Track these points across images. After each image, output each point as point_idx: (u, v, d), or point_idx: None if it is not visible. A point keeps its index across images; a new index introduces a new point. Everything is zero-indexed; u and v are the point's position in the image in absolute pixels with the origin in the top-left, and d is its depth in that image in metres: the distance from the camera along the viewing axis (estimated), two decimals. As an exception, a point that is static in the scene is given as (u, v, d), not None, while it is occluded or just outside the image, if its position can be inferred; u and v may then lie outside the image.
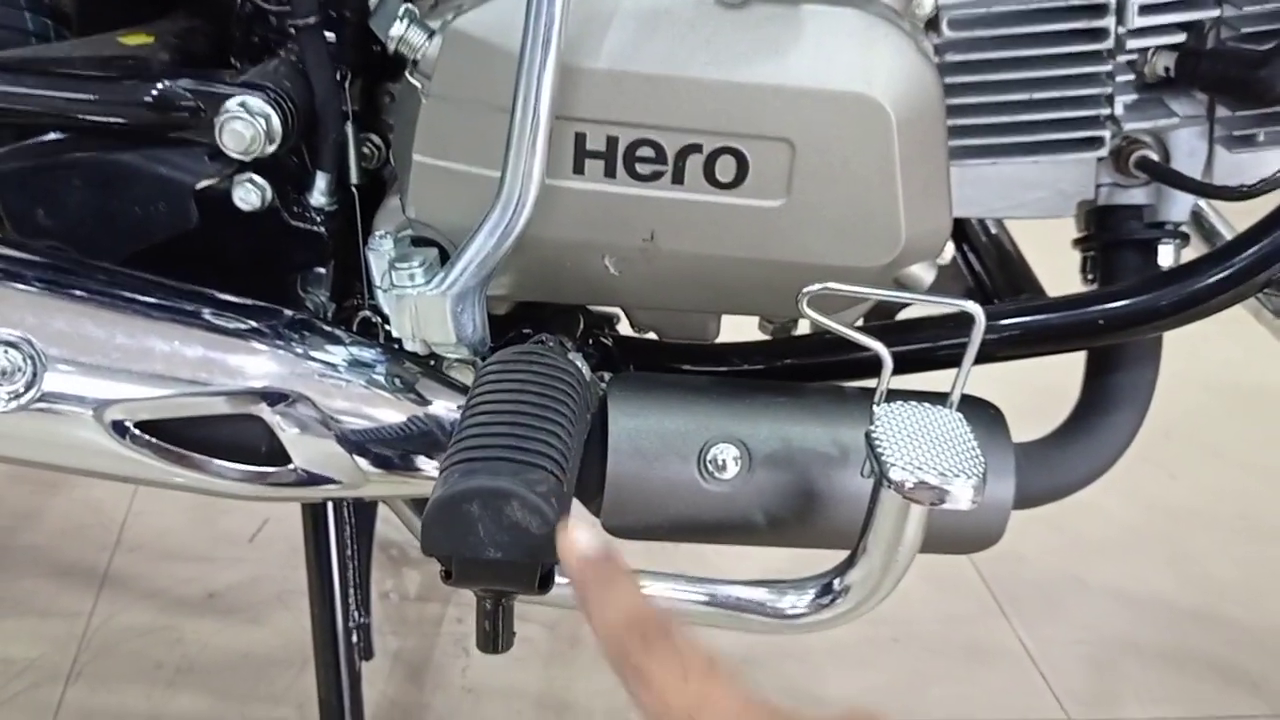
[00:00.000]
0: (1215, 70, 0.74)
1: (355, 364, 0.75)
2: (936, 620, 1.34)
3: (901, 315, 0.93)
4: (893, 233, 0.69)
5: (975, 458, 0.64)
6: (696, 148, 0.67)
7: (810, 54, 0.66)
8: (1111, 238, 0.83)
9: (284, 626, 1.10)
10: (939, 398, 0.75)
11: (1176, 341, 0.84)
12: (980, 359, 0.81)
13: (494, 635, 0.60)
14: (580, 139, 0.68)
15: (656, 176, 0.68)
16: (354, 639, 0.95)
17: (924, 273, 0.73)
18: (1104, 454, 0.83)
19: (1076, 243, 0.86)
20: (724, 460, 0.73)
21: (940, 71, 0.76)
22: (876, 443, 0.65)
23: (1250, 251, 0.74)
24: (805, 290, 0.66)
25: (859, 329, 0.79)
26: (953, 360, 0.81)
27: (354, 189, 0.80)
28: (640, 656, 0.48)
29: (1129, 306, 0.76)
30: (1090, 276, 0.86)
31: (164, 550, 1.29)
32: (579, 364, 0.71)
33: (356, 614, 0.95)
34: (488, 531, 0.55)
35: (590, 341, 0.83)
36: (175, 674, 1.14)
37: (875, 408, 0.68)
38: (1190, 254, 0.83)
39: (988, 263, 0.90)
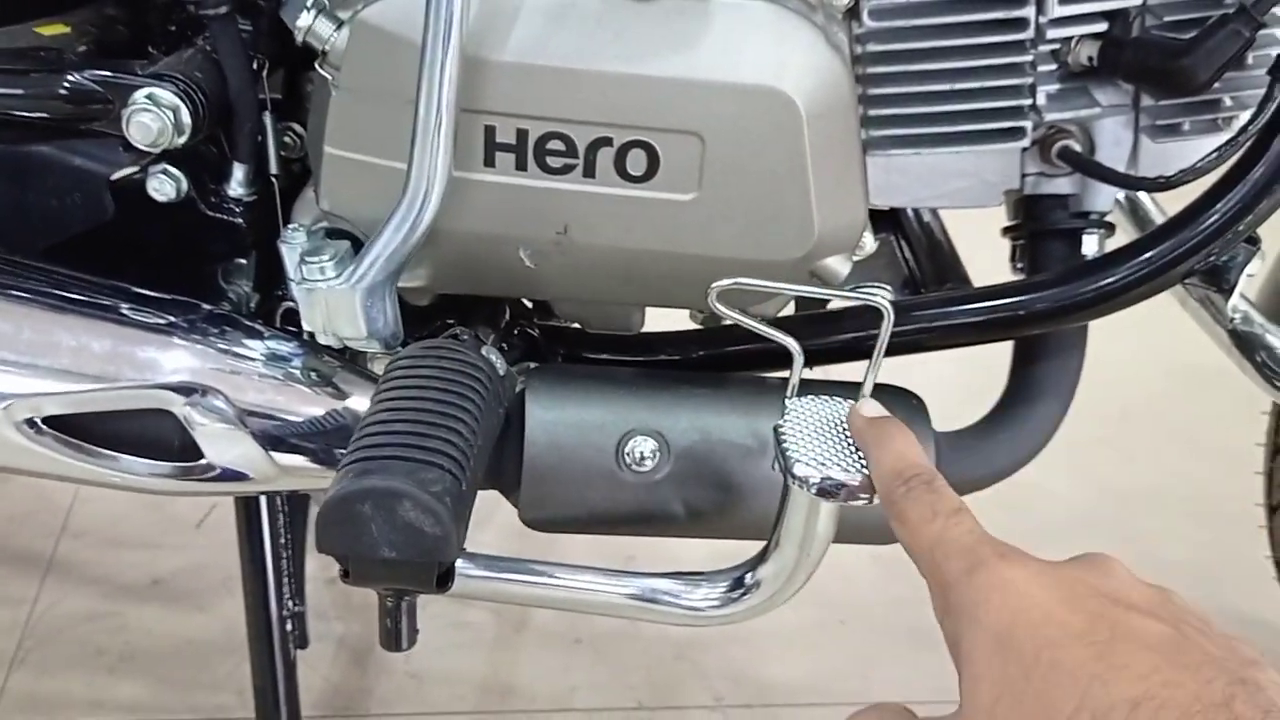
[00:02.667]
0: (1138, 59, 0.74)
1: (272, 358, 0.75)
2: (884, 603, 1.35)
3: (831, 305, 0.93)
4: (805, 226, 0.69)
5: (882, 453, 0.64)
6: (607, 141, 0.67)
7: (719, 47, 0.65)
8: (1037, 227, 0.83)
9: (227, 613, 1.10)
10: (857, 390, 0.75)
11: (1135, 322, 0.83)
12: (903, 349, 0.82)
13: (396, 633, 0.60)
14: (490, 132, 0.67)
15: (568, 170, 0.68)
16: (288, 627, 0.94)
17: (839, 265, 0.72)
18: (1028, 443, 0.83)
19: (1005, 231, 0.86)
20: (642, 452, 0.73)
21: (859, 62, 0.76)
22: (783, 438, 0.65)
23: (1169, 243, 0.74)
24: (715, 285, 0.65)
25: (774, 322, 0.79)
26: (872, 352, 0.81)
27: (273, 179, 0.79)
28: (901, 499, 0.57)
29: (1047, 298, 0.76)
30: (1019, 265, 0.86)
31: (110, 537, 1.29)
32: (492, 357, 0.71)
33: (290, 602, 0.95)
34: (381, 531, 0.55)
35: (515, 333, 0.82)
36: (118, 661, 1.14)
37: (786, 401, 0.68)
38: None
39: (918, 252, 0.90)
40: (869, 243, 0.75)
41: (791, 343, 0.67)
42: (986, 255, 0.94)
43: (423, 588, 0.58)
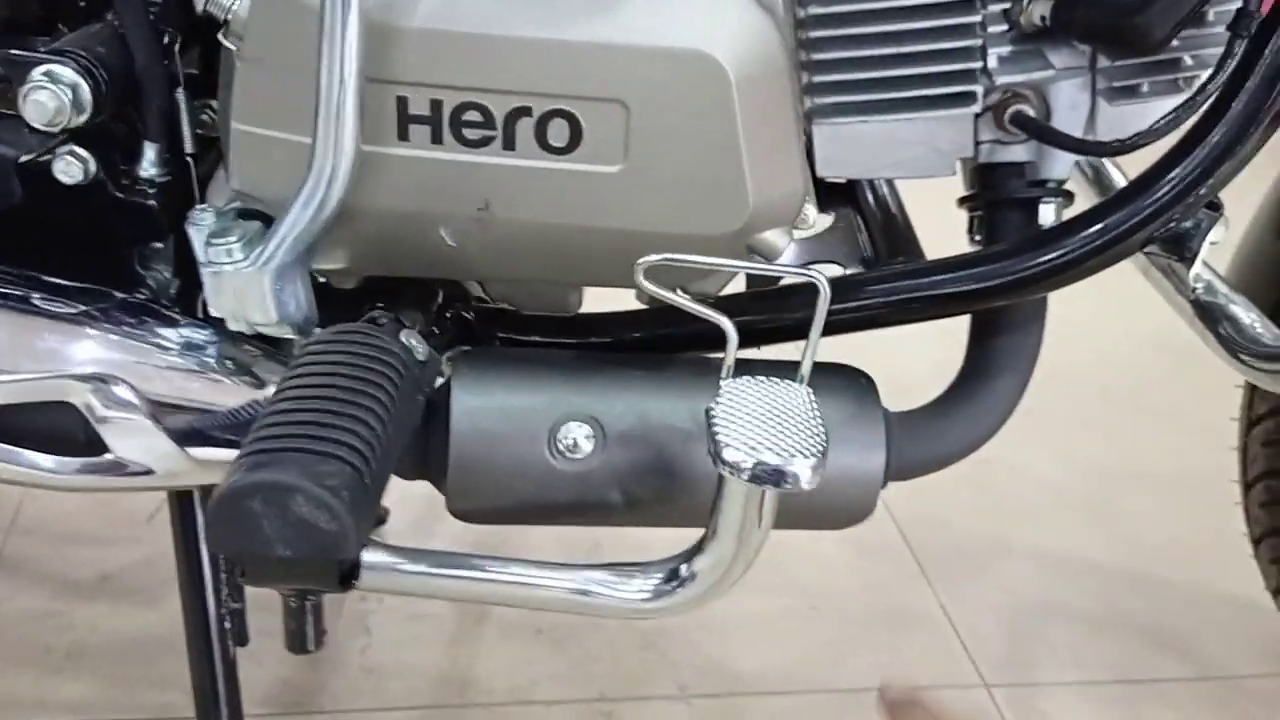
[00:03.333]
0: (1090, 18, 0.70)
1: (187, 346, 0.71)
2: (857, 587, 1.32)
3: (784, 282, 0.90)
4: (739, 199, 0.65)
5: (818, 435, 0.61)
6: (526, 111, 0.63)
7: (642, 10, 0.61)
8: (993, 197, 0.79)
9: (176, 609, 1.06)
10: (814, 367, 0.72)
11: (1115, 296, 0.80)
12: (854, 326, 0.78)
13: (301, 634, 0.57)
14: (402, 103, 0.63)
15: (486, 142, 0.64)
16: (226, 625, 0.91)
17: (778, 239, 0.69)
18: (985, 421, 0.79)
19: (961, 202, 0.82)
20: (575, 439, 0.70)
21: (802, 26, 0.73)
22: (715, 421, 0.61)
23: (1126, 210, 0.71)
24: (641, 261, 0.62)
25: (714, 301, 0.75)
26: (831, 328, 0.78)
27: (189, 159, 0.75)
28: None
29: (1000, 271, 0.73)
30: (976, 237, 0.82)
31: (60, 533, 1.25)
32: (412, 342, 0.67)
33: (229, 599, 0.91)
34: (274, 528, 0.52)
35: (448, 316, 0.79)
36: (64, 659, 1.11)
37: (721, 383, 0.65)
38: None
39: (872, 226, 0.86)
40: (812, 215, 0.71)
41: (725, 322, 0.64)
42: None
43: (325, 586, 0.54)
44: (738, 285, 0.83)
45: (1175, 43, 0.72)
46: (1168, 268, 0.76)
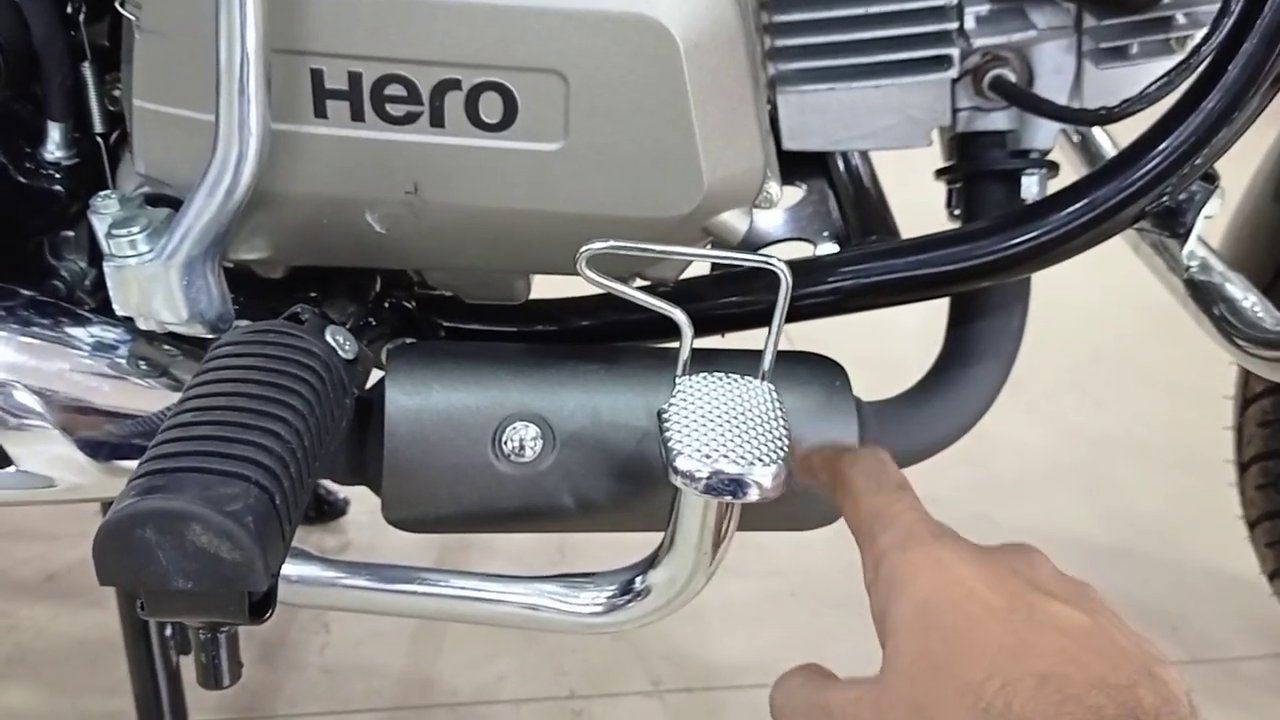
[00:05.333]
0: (1074, -27, 0.65)
1: (99, 347, 0.66)
2: (838, 570, 1.27)
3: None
4: (692, 178, 0.59)
5: (780, 438, 0.56)
6: (454, 84, 0.57)
7: (577, -32, 0.55)
8: (972, 168, 0.74)
9: (124, 610, 1.01)
10: (781, 356, 0.67)
11: (1109, 259, 0.74)
12: (822, 312, 0.73)
13: (214, 669, 0.52)
14: (317, 77, 0.57)
15: (412, 119, 0.58)
16: (166, 631, 0.86)
17: (737, 221, 0.63)
18: (965, 410, 0.74)
19: (939, 174, 0.77)
20: (522, 440, 0.64)
21: (763, -16, 0.67)
22: (668, 425, 0.56)
23: (1114, 184, 0.65)
24: (583, 250, 0.56)
25: (669, 287, 0.70)
26: (793, 314, 0.72)
27: (99, 138, 0.69)
28: (848, 469, 0.59)
29: (978, 251, 0.67)
30: (955, 211, 0.77)
31: (5, 529, 1.20)
32: (338, 339, 0.61)
33: (169, 606, 0.86)
34: (170, 559, 0.47)
35: (387, 305, 0.73)
36: (6, 664, 1.06)
37: (676, 381, 0.59)
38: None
39: (843, 199, 0.80)
40: (775, 193, 0.66)
41: (678, 315, 0.58)
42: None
43: (234, 618, 0.49)
44: (703, 267, 0.78)
45: (1167, 0, 0.67)
46: (1159, 244, 0.71)
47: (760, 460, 0.54)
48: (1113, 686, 0.44)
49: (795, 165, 0.85)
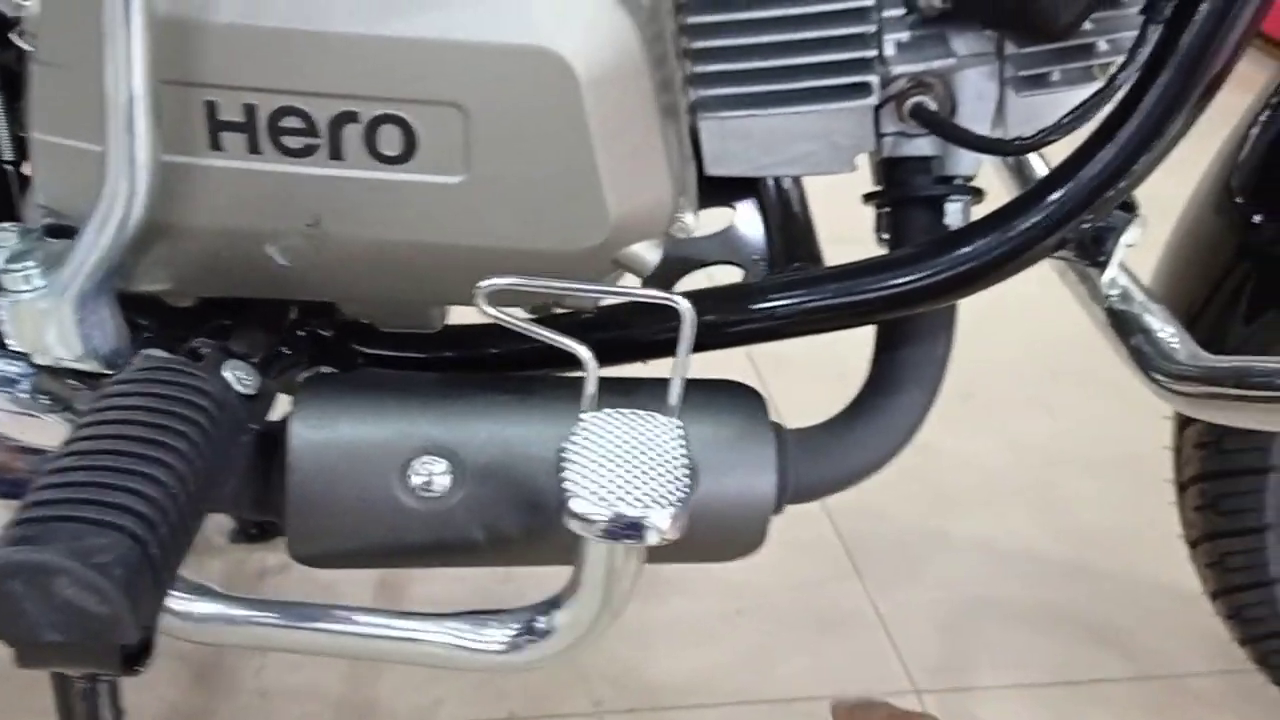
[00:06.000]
0: (992, 0, 0.64)
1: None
2: (786, 587, 1.27)
3: (680, 285, 0.83)
4: (597, 211, 0.58)
5: (681, 477, 0.55)
6: (352, 116, 0.56)
7: (475, 2, 0.54)
8: (898, 194, 0.73)
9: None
10: (697, 385, 0.66)
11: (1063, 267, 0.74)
12: (741, 340, 0.72)
13: (93, 717, 0.51)
14: (212, 109, 0.56)
15: (310, 151, 0.57)
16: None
17: (648, 253, 0.62)
18: (889, 438, 0.73)
19: (866, 199, 0.76)
20: (430, 475, 0.63)
21: (681, 10, 0.66)
22: (568, 464, 0.55)
23: (1032, 214, 0.64)
24: (480, 286, 0.55)
25: (589, 314, 0.69)
26: (712, 342, 0.72)
27: (5, 167, 0.68)
28: None
29: (897, 280, 0.66)
30: (884, 236, 0.76)
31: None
32: (238, 374, 0.60)
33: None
34: (39, 611, 0.45)
35: (301, 334, 0.72)
36: (-68, 689, 1.04)
37: (580, 417, 0.58)
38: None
39: (771, 223, 0.80)
40: (691, 222, 0.65)
41: (581, 350, 0.57)
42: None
43: (108, 669, 0.48)
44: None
45: (1088, 26, 0.66)
46: (1081, 272, 0.70)
47: (658, 502, 0.53)
48: None
49: (729, 187, 0.84)
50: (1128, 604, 1.29)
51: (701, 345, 0.71)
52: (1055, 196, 0.64)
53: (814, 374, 1.20)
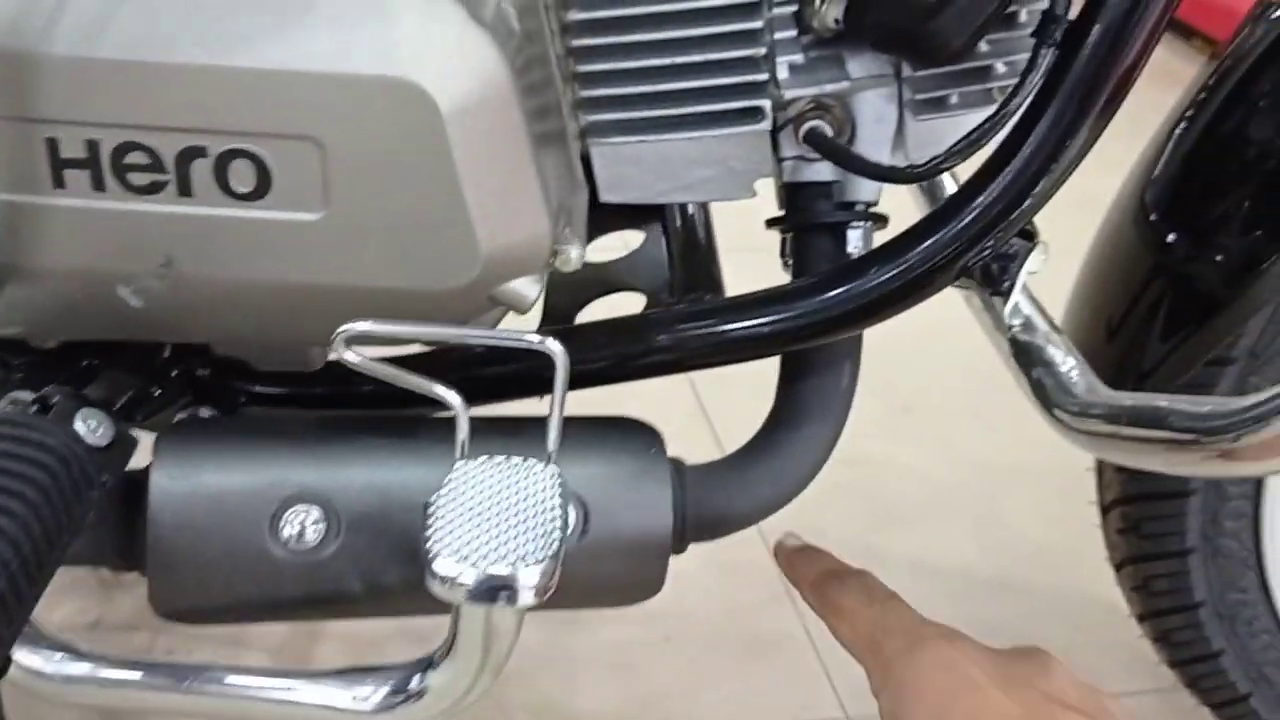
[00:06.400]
0: (883, 21, 0.61)
1: None
2: (717, 612, 1.24)
3: (581, 317, 0.81)
4: (467, 248, 0.55)
5: (553, 531, 0.52)
6: (200, 151, 0.53)
7: (326, 29, 0.51)
8: (800, 220, 0.70)
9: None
10: (588, 423, 0.63)
11: None
12: (638, 374, 0.69)
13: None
14: (53, 145, 0.53)
15: (157, 188, 0.54)
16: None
17: (527, 289, 0.59)
18: (793, 474, 0.71)
19: (769, 224, 0.73)
20: (302, 525, 0.60)
21: (567, 33, 0.63)
22: (434, 519, 0.52)
23: (929, 244, 0.62)
24: (340, 331, 0.52)
25: (445, 361, 0.66)
26: (604, 377, 0.69)
27: None
28: (836, 592, 0.60)
29: (791, 312, 0.64)
30: (787, 261, 0.73)
31: None
32: (91, 424, 0.57)
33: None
34: None
35: (174, 375, 0.68)
36: None
37: (453, 466, 0.55)
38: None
39: (673, 253, 0.77)
40: (576, 255, 0.62)
41: (451, 395, 0.54)
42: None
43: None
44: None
45: (985, 48, 0.64)
46: (986, 300, 0.68)
47: (524, 560, 0.50)
48: None
49: (635, 210, 0.82)
50: (1064, 620, 1.28)
51: (589, 381, 0.69)
52: (950, 227, 0.62)
53: (757, 391, 1.19)
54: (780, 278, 0.71)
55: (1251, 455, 0.48)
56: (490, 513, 0.52)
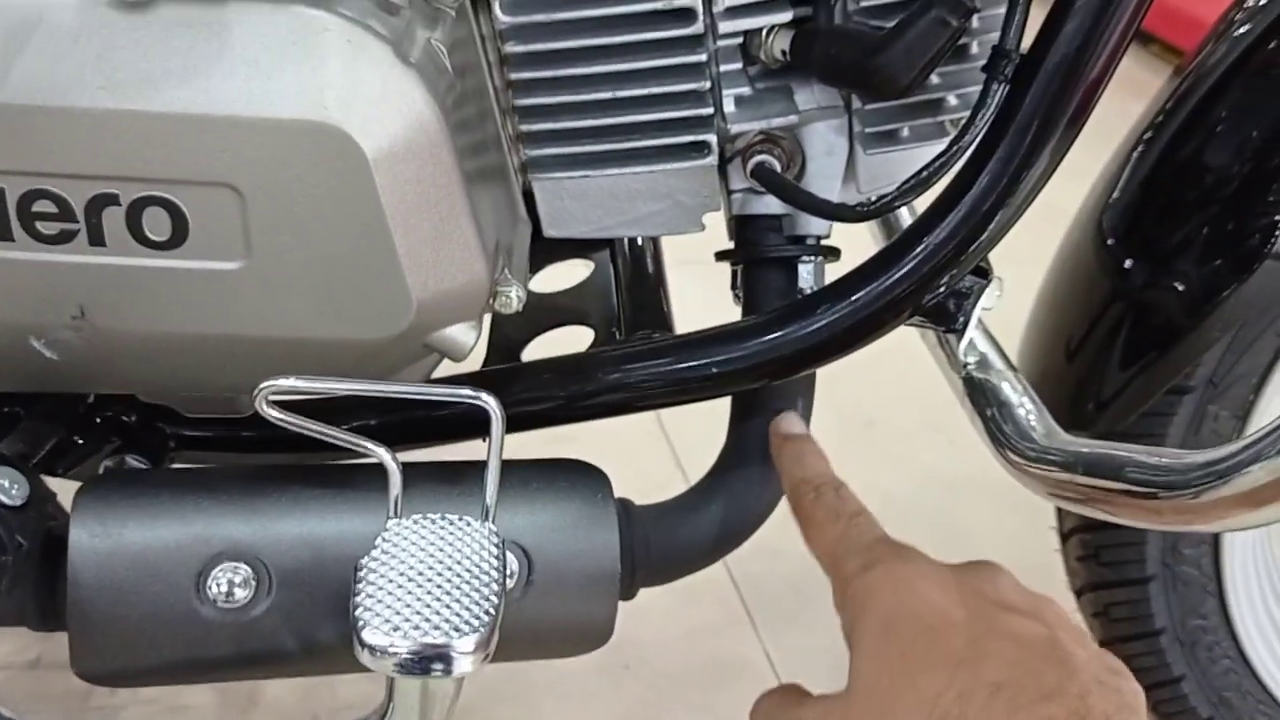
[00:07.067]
0: (831, 56, 0.59)
1: None
2: (677, 637, 1.22)
3: (527, 352, 0.78)
4: (399, 297, 0.53)
5: (489, 597, 0.50)
6: (111, 199, 0.50)
7: (242, 71, 0.49)
8: (750, 254, 0.68)
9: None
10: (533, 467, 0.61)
11: None
12: (581, 416, 0.67)
13: None
14: (-46, 193, 0.50)
15: (67, 238, 0.51)
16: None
17: (463, 335, 0.57)
18: (745, 514, 0.69)
19: (719, 257, 0.71)
20: (230, 584, 0.57)
21: (507, 64, 0.61)
22: (364, 583, 0.50)
23: (880, 283, 0.60)
24: (261, 388, 0.50)
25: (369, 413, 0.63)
26: (549, 419, 0.67)
27: None
28: (810, 504, 0.61)
29: (738, 353, 0.62)
30: (738, 294, 0.71)
31: None
32: (4, 483, 0.54)
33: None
34: None
35: (101, 421, 0.65)
36: None
37: (386, 525, 0.53)
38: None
39: (621, 288, 0.75)
40: (515, 297, 0.60)
41: (382, 452, 0.52)
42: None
43: None
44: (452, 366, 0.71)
45: (936, 80, 0.62)
46: (940, 337, 0.67)
47: (459, 628, 0.48)
48: (1065, 695, 0.46)
49: (585, 239, 0.79)
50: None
51: (534, 423, 0.67)
52: (901, 266, 0.60)
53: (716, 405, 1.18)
54: (729, 296, 0.70)
55: (1210, 512, 0.47)
56: (423, 577, 0.50)
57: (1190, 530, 0.52)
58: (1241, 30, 0.86)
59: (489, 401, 0.51)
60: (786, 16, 0.60)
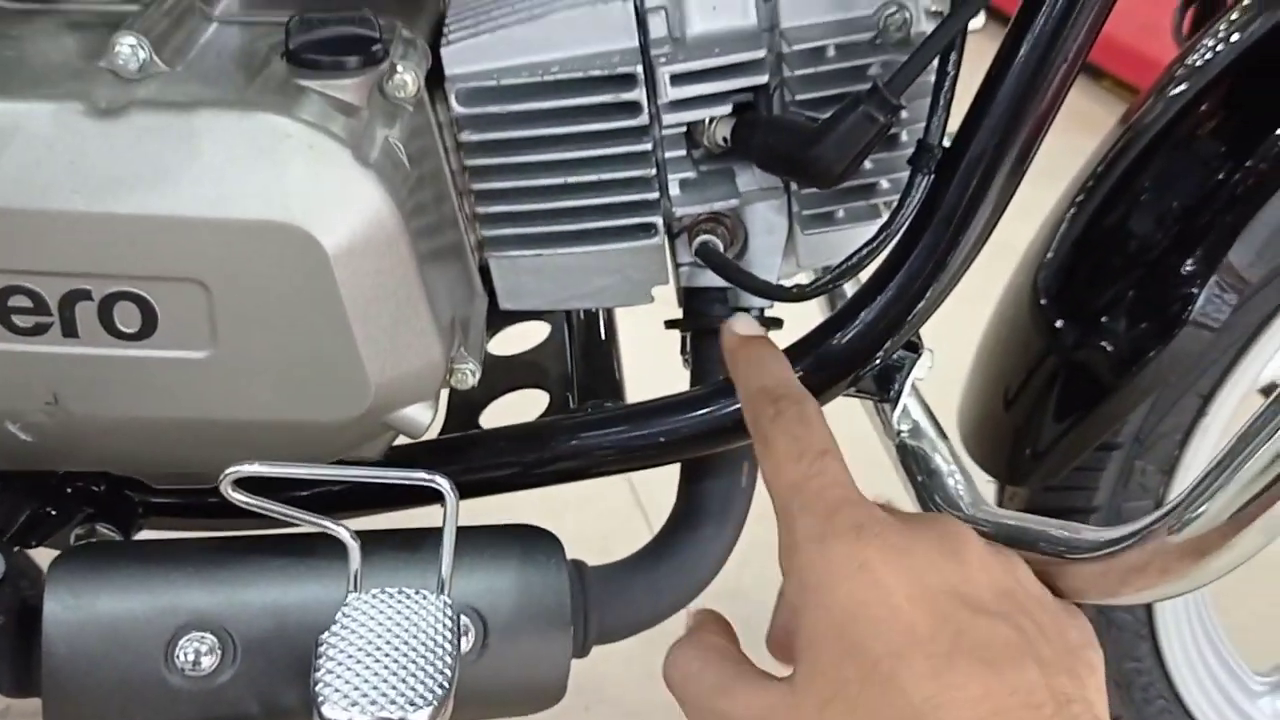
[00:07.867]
0: (768, 144, 0.63)
1: None
2: (638, 677, 1.24)
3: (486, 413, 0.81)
4: (357, 382, 0.56)
5: (443, 670, 0.53)
6: (84, 294, 0.53)
7: (210, 176, 0.52)
8: (696, 324, 0.72)
9: None
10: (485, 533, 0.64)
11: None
12: (535, 483, 0.70)
13: None
14: (-68, 288, 0.53)
15: (41, 330, 0.54)
16: None
17: (420, 414, 0.60)
18: (694, 574, 0.72)
19: (668, 325, 0.75)
20: (198, 651, 0.60)
21: (462, 150, 0.64)
22: (321, 660, 0.52)
23: (811, 359, 0.64)
24: (227, 473, 0.53)
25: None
26: (505, 485, 0.70)
27: None
28: (769, 424, 0.53)
29: (683, 423, 0.65)
30: (687, 360, 0.75)
31: None
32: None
33: None
34: None
35: (71, 491, 0.68)
36: None
37: (346, 600, 0.56)
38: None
39: (574, 355, 0.78)
40: (471, 373, 0.63)
41: (341, 531, 0.55)
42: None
43: None
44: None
45: (869, 166, 0.66)
46: (874, 406, 0.70)
47: (414, 703, 0.51)
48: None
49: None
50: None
51: (490, 489, 0.70)
52: (836, 340, 0.64)
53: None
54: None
55: (1106, 586, 0.50)
56: (380, 651, 0.53)
57: (1102, 602, 0.55)
58: (1176, 91, 0.90)
59: (442, 484, 0.54)
60: (727, 109, 0.63)
